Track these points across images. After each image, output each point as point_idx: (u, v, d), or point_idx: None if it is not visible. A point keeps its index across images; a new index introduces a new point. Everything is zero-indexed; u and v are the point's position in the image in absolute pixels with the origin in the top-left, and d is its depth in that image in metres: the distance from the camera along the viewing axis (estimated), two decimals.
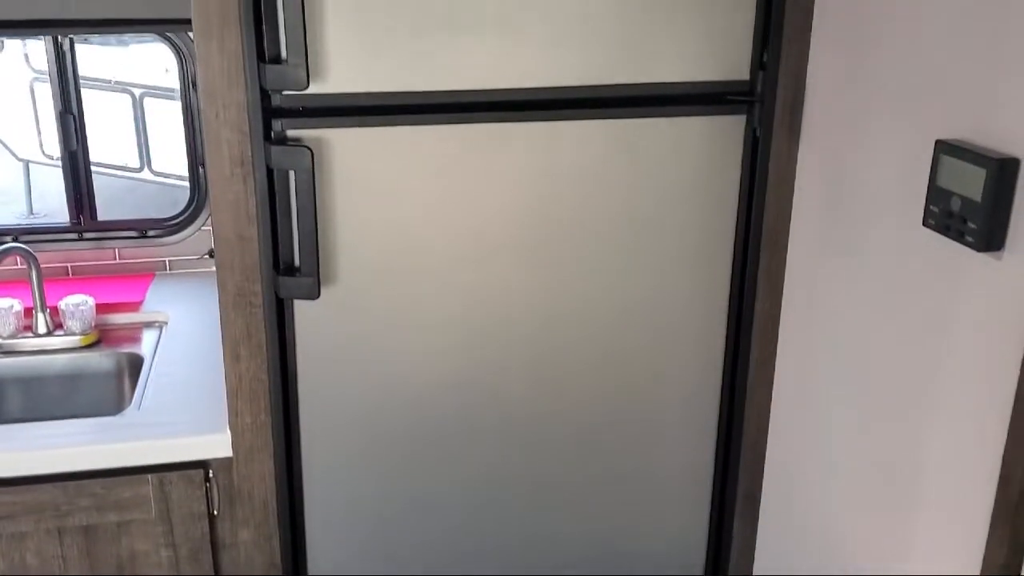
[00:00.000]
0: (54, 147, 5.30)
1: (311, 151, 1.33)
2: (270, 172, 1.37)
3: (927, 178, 1.14)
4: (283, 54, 1.31)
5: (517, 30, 1.37)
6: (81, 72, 1.97)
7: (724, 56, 1.43)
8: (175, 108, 2.05)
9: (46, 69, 1.98)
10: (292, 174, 1.35)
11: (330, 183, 1.39)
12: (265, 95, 1.34)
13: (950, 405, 1.14)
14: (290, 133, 1.36)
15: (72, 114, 1.95)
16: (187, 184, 2.06)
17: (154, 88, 5.23)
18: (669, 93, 1.44)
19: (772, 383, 1.60)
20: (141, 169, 5.45)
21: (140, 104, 5.48)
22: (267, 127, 1.35)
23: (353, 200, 1.40)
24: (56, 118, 1.96)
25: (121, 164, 5.35)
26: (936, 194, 1.12)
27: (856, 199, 1.33)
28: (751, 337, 1.58)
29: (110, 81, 5.39)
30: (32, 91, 5.38)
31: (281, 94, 1.34)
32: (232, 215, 1.38)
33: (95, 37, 4.41)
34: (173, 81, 4.80)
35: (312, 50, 1.31)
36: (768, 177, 1.49)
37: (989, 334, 1.07)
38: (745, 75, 1.44)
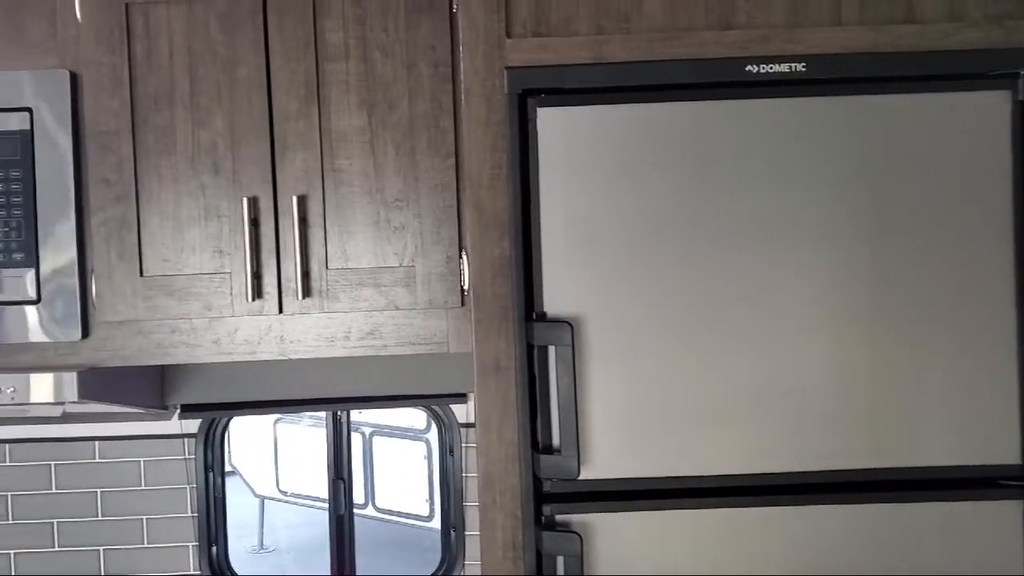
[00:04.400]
0: (288, 484, 5.67)
1: (581, 537, 1.39)
2: (538, 554, 1.43)
3: None
4: (555, 444, 1.42)
5: (777, 416, 1.43)
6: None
7: (991, 439, 1.42)
8: (401, 446, 2.19)
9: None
10: (560, 559, 1.41)
11: (595, 567, 1.42)
12: (537, 480, 1.44)
13: None
14: (558, 518, 1.43)
15: (343, 479, 2.15)
16: (407, 521, 2.15)
17: (383, 427, 5.63)
18: (935, 477, 1.42)
19: None
20: (365, 505, 5.72)
21: (369, 442, 5.86)
22: (537, 511, 1.44)
23: None
24: (328, 484, 2.17)
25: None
26: None
27: None
28: None
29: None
30: (275, 431, 5.93)
31: (552, 480, 1.44)
32: None
33: None
34: (400, 420, 5.08)
35: (581, 439, 1.42)
36: None
37: None
38: (1016, 459, 1.41)
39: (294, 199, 1.68)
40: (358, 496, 5.68)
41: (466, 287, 1.69)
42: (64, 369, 1.67)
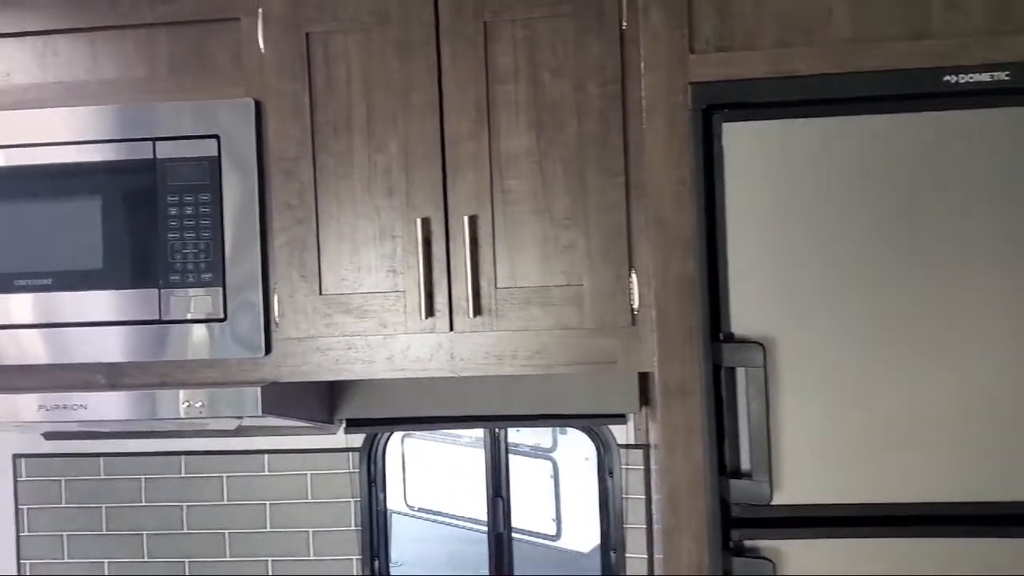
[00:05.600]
0: (415, 499, 5.75)
1: (772, 563, 1.35)
2: None
3: None
4: (743, 468, 1.39)
5: (977, 442, 1.36)
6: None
7: None
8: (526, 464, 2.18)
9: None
10: None
11: None
12: (724, 504, 1.41)
13: None
14: (747, 543, 1.40)
15: (502, 498, 2.16)
16: (534, 540, 2.13)
17: (513, 445, 5.64)
18: None
19: None
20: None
21: None
22: (725, 536, 1.41)
23: None
24: (487, 502, 2.18)
25: (472, 517, 5.69)
26: None
27: None
28: None
29: (473, 437, 5.92)
30: (403, 446, 6.03)
31: (740, 505, 1.40)
32: None
33: None
34: (525, 438, 5.10)
35: (771, 463, 1.38)
36: None
37: None
38: None
39: (465, 219, 1.70)
40: (482, 513, 5.72)
41: (635, 306, 1.67)
42: (247, 384, 1.74)
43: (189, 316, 1.76)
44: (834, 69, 1.41)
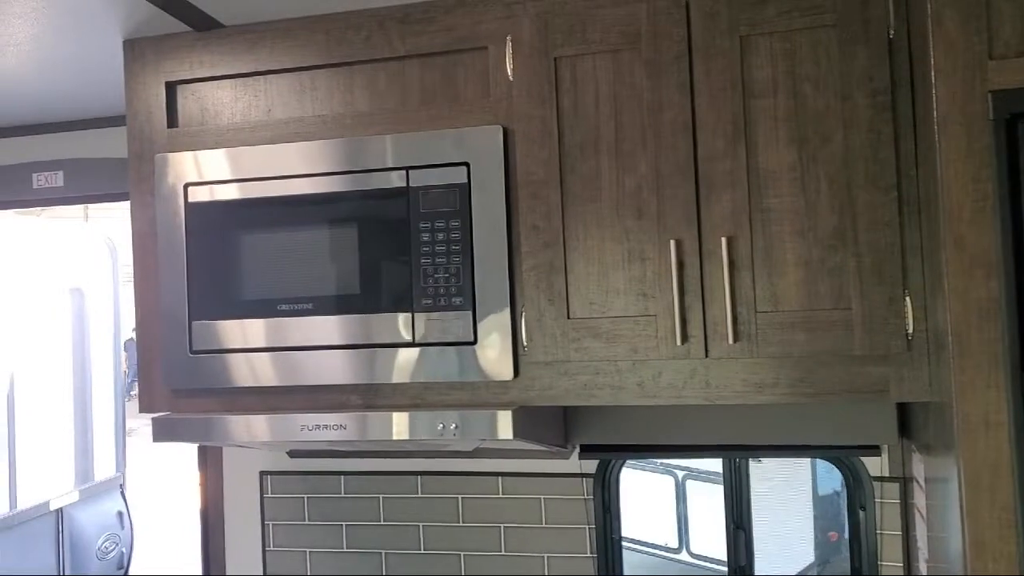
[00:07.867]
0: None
1: None
2: None
3: None
4: None
5: None
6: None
7: None
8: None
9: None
10: None
11: None
12: None
13: None
14: None
15: (743, 529, 2.08)
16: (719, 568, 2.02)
17: (696, 471, 5.50)
18: None
19: None
20: (679, 551, 5.61)
21: (682, 486, 5.76)
22: None
23: None
24: (727, 535, 2.10)
25: (661, 544, 5.57)
26: None
27: None
28: None
29: (656, 463, 5.82)
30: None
31: None
32: None
33: None
34: (709, 465, 4.92)
35: None
36: None
37: None
38: None
39: (723, 241, 1.64)
40: (672, 539, 5.58)
41: (910, 331, 1.57)
42: (495, 407, 1.74)
43: (440, 339, 1.78)
44: None
